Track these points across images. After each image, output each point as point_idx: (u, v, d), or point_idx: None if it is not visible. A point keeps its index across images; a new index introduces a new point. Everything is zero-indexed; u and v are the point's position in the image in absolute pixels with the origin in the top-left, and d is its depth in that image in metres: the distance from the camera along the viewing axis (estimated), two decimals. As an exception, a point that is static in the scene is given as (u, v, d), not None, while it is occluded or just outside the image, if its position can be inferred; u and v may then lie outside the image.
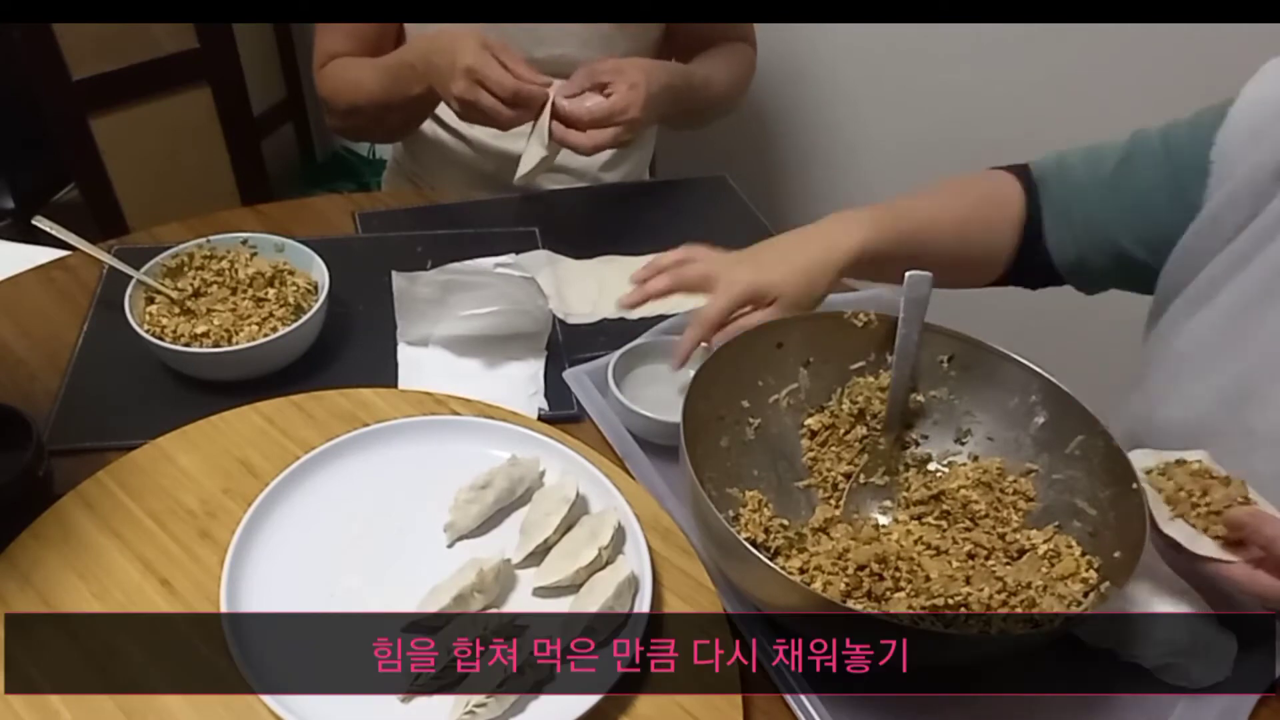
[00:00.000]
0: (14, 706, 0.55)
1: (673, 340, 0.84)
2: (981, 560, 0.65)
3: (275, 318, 0.82)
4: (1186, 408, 0.73)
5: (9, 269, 0.92)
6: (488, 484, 0.68)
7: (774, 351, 0.73)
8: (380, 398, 0.77)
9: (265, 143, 2.08)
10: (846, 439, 0.74)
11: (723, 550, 0.62)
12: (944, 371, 0.73)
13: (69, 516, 0.66)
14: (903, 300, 0.71)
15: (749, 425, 0.72)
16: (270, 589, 0.61)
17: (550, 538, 0.65)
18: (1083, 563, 0.62)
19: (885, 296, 0.92)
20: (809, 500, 0.73)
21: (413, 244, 0.98)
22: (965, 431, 0.74)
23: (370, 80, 1.05)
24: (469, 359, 0.85)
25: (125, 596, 0.62)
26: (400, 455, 0.71)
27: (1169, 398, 0.75)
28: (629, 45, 1.12)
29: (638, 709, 0.58)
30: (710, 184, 1.19)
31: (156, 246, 0.86)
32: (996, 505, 0.69)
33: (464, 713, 0.54)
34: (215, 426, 0.73)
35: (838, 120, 1.69)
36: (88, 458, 0.72)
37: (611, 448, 0.77)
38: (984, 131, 1.53)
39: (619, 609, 0.60)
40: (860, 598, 0.61)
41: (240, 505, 0.66)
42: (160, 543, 0.65)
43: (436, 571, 0.62)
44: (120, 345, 0.81)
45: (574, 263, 1.00)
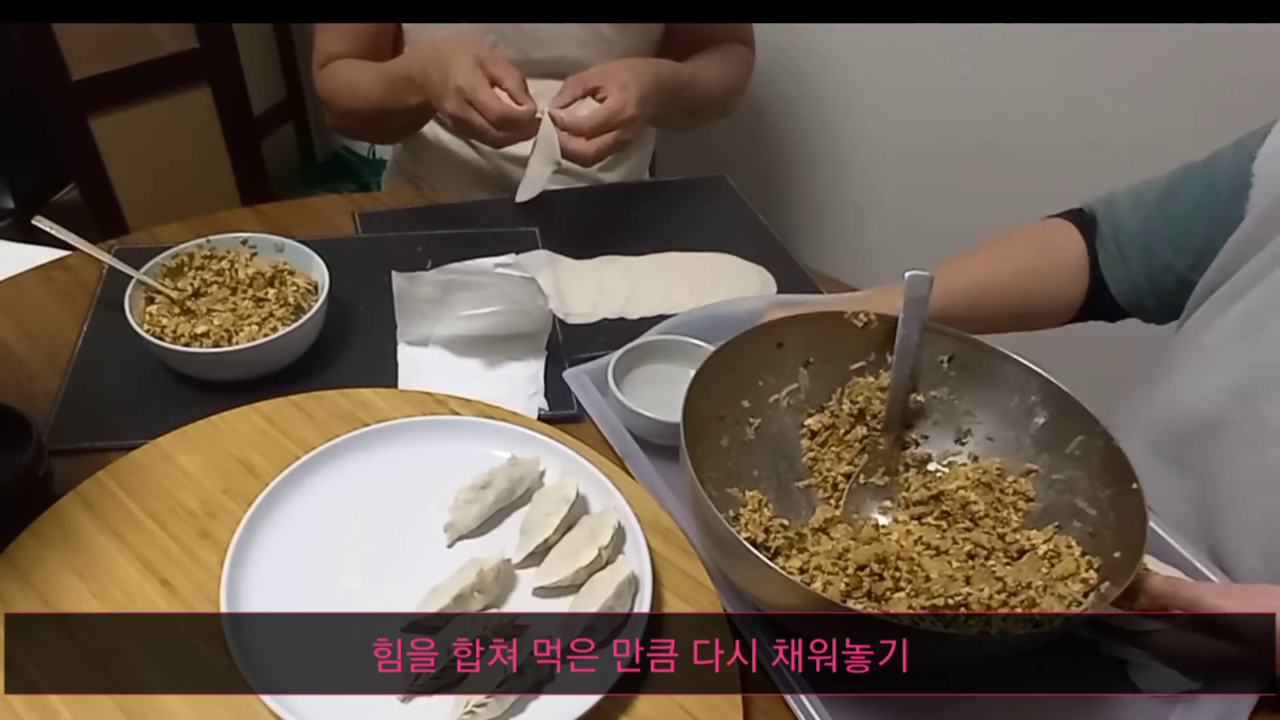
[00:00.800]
0: (14, 706, 0.55)
1: (673, 340, 0.84)
2: (981, 560, 0.65)
3: (275, 318, 0.82)
4: (1205, 401, 0.74)
5: (9, 269, 0.92)
6: (488, 484, 0.68)
7: (774, 351, 0.73)
8: (380, 398, 0.77)
9: (265, 143, 2.08)
10: (846, 439, 0.74)
11: (723, 550, 0.62)
12: (944, 371, 0.73)
13: (69, 516, 0.66)
14: (903, 300, 0.71)
15: (749, 425, 0.72)
16: (270, 589, 0.61)
17: (550, 538, 0.65)
18: (1083, 563, 0.62)
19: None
20: (809, 500, 0.73)
21: (413, 244, 0.98)
22: (965, 432, 0.74)
23: (369, 86, 1.05)
24: (469, 359, 0.85)
25: (125, 596, 0.62)
26: (400, 455, 0.71)
27: (1190, 392, 0.76)
28: (628, 46, 1.12)
29: (638, 709, 0.58)
30: (710, 184, 1.19)
31: (156, 246, 0.86)
32: (996, 505, 0.69)
33: (464, 713, 0.54)
34: (215, 426, 0.73)
35: (838, 120, 1.69)
36: (88, 458, 0.72)
37: (611, 448, 0.77)
38: (984, 131, 1.54)
39: (619, 609, 0.60)
40: (860, 598, 0.61)
41: (240, 505, 0.66)
42: (160, 543, 0.65)
43: (436, 571, 0.62)
44: (120, 345, 0.81)
45: (574, 263, 1.00)
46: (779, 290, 0.98)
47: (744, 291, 0.97)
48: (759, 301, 0.92)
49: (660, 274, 0.99)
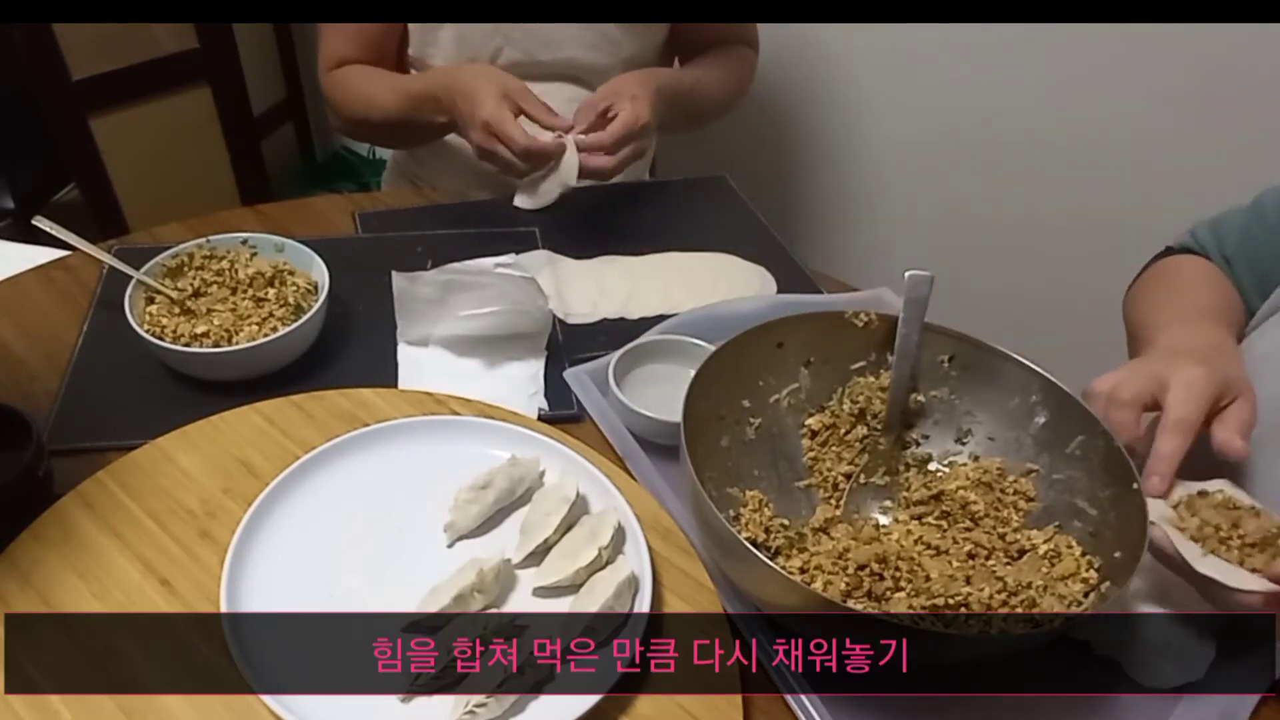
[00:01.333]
0: (14, 706, 0.55)
1: (673, 340, 0.84)
2: (982, 560, 0.65)
3: (275, 318, 0.82)
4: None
5: (9, 269, 0.92)
6: (488, 484, 0.68)
7: (774, 351, 0.73)
8: (380, 398, 0.77)
9: (265, 143, 2.08)
10: (847, 439, 0.74)
11: (723, 550, 0.62)
12: (944, 371, 0.73)
13: (69, 516, 0.66)
14: (903, 300, 0.71)
15: (749, 425, 0.72)
16: (270, 589, 0.61)
17: (550, 538, 0.65)
18: (1083, 563, 0.62)
19: (886, 297, 0.92)
20: (809, 500, 0.73)
21: (413, 244, 0.98)
22: (966, 431, 0.74)
23: (388, 100, 1.06)
24: (469, 359, 0.85)
25: (125, 596, 0.62)
26: (400, 455, 0.71)
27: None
28: (635, 48, 1.13)
29: (638, 709, 0.58)
30: (710, 184, 1.19)
31: (156, 246, 0.86)
32: (997, 505, 0.69)
33: (464, 713, 0.54)
34: (215, 426, 0.73)
35: (838, 120, 1.69)
36: (88, 458, 0.72)
37: (611, 448, 0.77)
38: (984, 132, 1.54)
39: (619, 609, 0.60)
40: (860, 598, 0.61)
41: (240, 505, 0.66)
42: (160, 543, 0.65)
43: (436, 571, 0.62)
44: (120, 345, 0.81)
45: (574, 263, 1.00)
46: (779, 290, 0.98)
47: (744, 291, 0.97)
48: (759, 301, 0.92)
49: (660, 274, 0.99)
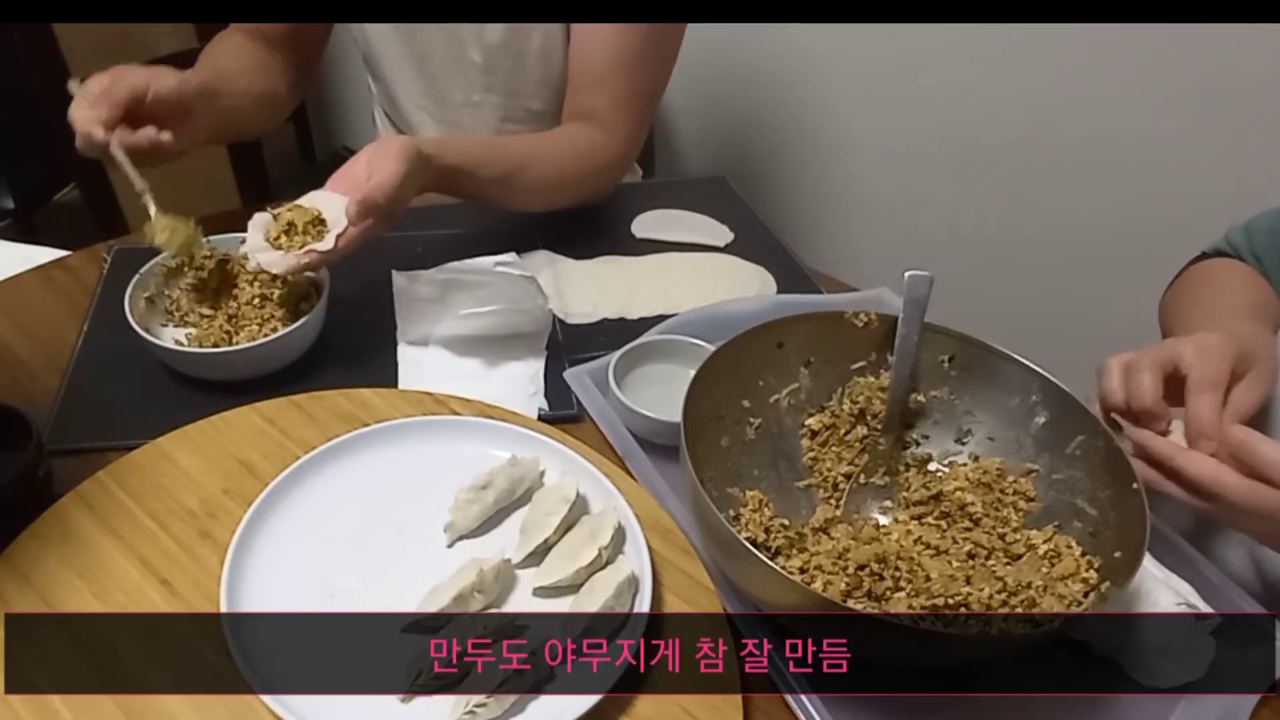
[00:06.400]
0: (14, 706, 0.55)
1: (673, 340, 0.84)
2: (982, 560, 0.65)
3: (275, 318, 0.82)
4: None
5: (9, 269, 0.92)
6: (488, 484, 0.68)
7: (774, 351, 0.73)
8: (380, 398, 0.77)
9: (265, 143, 2.07)
10: (847, 439, 0.74)
11: (723, 550, 0.62)
12: (944, 371, 0.73)
13: (69, 516, 0.66)
14: (903, 300, 0.71)
15: (749, 425, 0.72)
16: (270, 589, 0.61)
17: (550, 538, 0.65)
18: (1083, 563, 0.62)
19: (886, 297, 0.93)
20: (809, 500, 0.73)
21: (413, 244, 0.98)
22: (966, 431, 0.74)
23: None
24: (469, 359, 0.85)
25: (125, 596, 0.61)
26: (400, 455, 0.71)
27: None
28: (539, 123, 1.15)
29: (638, 709, 0.58)
30: (710, 184, 1.19)
31: (156, 247, 0.86)
32: (997, 505, 0.69)
33: (464, 713, 0.54)
34: (215, 426, 0.73)
35: (838, 121, 1.69)
36: (88, 458, 0.72)
37: (612, 448, 0.77)
38: (984, 132, 1.54)
39: (619, 609, 0.60)
40: (860, 598, 0.61)
41: (240, 505, 0.66)
42: (160, 543, 0.65)
43: (436, 571, 0.62)
44: (120, 345, 0.81)
45: (574, 263, 1.00)
46: (779, 290, 0.98)
47: (744, 291, 0.97)
48: (759, 301, 0.92)
49: (660, 274, 0.99)
